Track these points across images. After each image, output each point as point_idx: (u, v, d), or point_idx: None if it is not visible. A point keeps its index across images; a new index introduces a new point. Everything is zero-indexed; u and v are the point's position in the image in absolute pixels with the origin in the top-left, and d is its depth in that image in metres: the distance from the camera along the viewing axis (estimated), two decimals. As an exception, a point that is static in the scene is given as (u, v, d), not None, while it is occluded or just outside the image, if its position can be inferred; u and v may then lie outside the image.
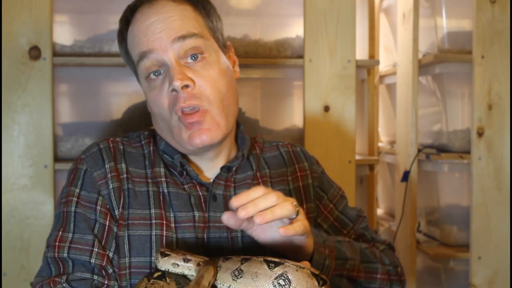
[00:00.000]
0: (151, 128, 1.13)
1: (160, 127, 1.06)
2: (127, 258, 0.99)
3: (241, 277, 0.82)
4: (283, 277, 0.80)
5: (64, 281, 0.94)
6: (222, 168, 1.07)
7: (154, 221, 1.01)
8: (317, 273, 0.82)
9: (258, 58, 1.80)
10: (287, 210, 0.86)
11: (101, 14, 1.79)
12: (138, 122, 1.78)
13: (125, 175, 1.03)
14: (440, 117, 2.08)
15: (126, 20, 1.06)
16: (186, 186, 1.05)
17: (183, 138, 1.01)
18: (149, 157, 1.07)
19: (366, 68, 2.08)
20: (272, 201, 0.85)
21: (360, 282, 1.08)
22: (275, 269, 0.81)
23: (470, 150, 1.93)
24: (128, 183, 1.03)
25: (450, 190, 2.08)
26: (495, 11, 1.89)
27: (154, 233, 1.00)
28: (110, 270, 0.98)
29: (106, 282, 0.97)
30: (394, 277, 1.12)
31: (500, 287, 1.92)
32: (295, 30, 1.84)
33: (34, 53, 1.67)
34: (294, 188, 1.13)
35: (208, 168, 1.09)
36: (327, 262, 0.98)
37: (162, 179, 1.04)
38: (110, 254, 0.99)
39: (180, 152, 1.06)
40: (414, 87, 2.00)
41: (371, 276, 1.09)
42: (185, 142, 1.01)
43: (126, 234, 1.00)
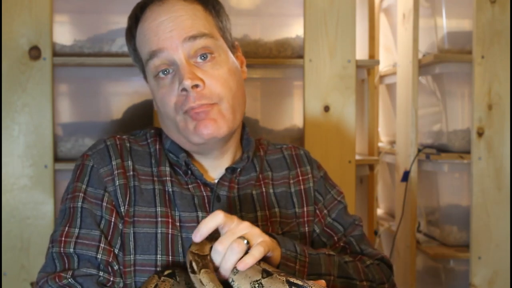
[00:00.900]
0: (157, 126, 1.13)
1: (166, 126, 1.06)
2: (132, 256, 0.99)
3: None
4: None
5: (69, 276, 0.93)
6: (227, 169, 1.07)
7: (159, 219, 1.01)
8: None
9: (258, 58, 1.80)
10: (258, 251, 0.85)
11: (101, 14, 1.79)
12: (138, 122, 1.78)
13: (131, 173, 1.03)
14: (440, 117, 2.08)
15: (135, 17, 1.06)
16: (190, 186, 1.05)
17: (189, 129, 1.00)
18: (155, 155, 1.07)
19: (366, 68, 2.07)
20: (241, 247, 0.85)
21: None
22: None
23: (470, 150, 1.93)
24: (134, 181, 1.03)
25: (450, 190, 2.08)
26: (495, 11, 1.89)
27: (160, 231, 1.00)
28: (116, 267, 0.98)
29: (112, 279, 0.96)
30: None
31: (500, 287, 1.92)
32: (295, 30, 1.84)
33: (34, 53, 1.66)
34: (295, 191, 1.13)
35: (213, 168, 1.09)
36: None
37: (167, 178, 1.04)
38: (116, 251, 0.99)
39: (185, 151, 1.06)
40: (414, 87, 2.00)
41: None
42: (191, 133, 1.00)
43: (132, 231, 1.00)
